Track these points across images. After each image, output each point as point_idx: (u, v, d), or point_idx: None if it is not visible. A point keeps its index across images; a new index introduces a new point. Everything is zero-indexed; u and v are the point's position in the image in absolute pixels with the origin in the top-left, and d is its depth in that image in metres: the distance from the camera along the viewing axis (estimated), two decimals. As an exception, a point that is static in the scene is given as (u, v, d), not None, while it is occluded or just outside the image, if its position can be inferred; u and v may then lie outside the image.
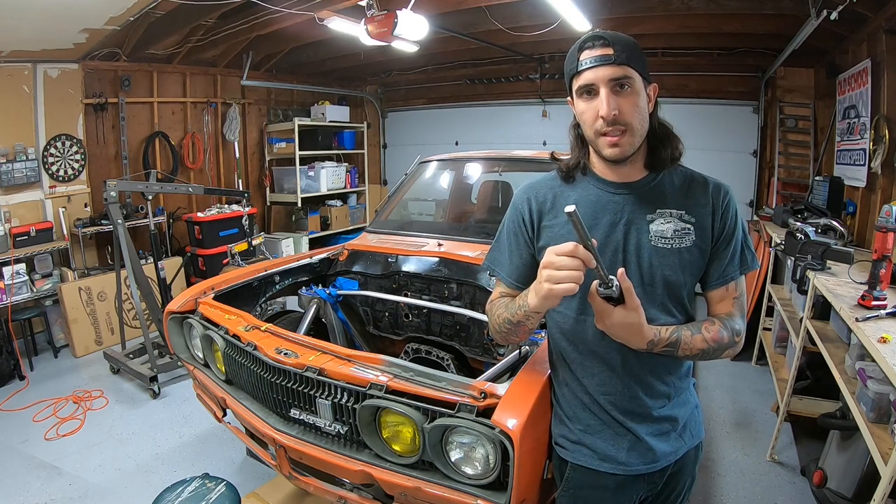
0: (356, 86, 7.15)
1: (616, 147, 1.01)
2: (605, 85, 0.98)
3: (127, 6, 3.30)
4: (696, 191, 1.08)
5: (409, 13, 3.04)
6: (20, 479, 2.51)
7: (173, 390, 3.39)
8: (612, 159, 1.04)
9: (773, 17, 3.60)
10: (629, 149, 1.02)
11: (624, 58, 0.98)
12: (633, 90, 0.99)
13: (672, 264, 1.05)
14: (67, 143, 4.28)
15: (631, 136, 1.01)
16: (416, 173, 3.20)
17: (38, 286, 3.91)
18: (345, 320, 2.59)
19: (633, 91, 0.99)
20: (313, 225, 6.13)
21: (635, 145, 1.03)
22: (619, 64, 0.97)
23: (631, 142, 1.01)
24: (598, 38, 0.99)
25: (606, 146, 1.02)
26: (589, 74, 0.99)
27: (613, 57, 0.97)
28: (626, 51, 0.98)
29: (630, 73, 0.99)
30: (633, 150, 1.03)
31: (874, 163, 3.01)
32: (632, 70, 0.99)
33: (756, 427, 2.98)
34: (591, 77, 0.99)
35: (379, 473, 1.42)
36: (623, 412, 1.10)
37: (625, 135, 1.00)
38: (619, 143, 1.01)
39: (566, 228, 1.10)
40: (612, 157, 1.03)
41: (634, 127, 1.00)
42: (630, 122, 1.00)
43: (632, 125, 1.00)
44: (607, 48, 0.98)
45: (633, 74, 0.99)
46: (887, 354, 1.45)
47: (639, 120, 1.01)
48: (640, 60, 1.01)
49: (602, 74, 0.98)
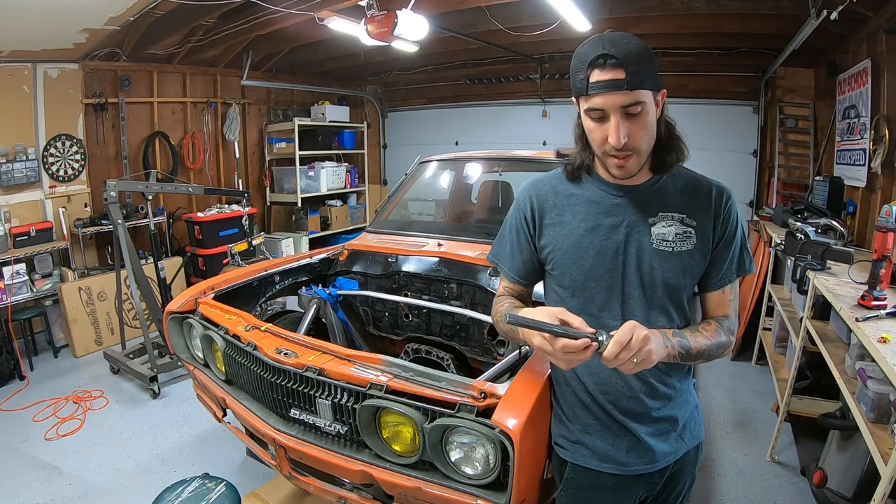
0: (356, 86, 7.15)
1: (623, 169, 1.02)
2: (615, 113, 0.95)
3: (127, 6, 3.30)
4: (698, 194, 1.08)
5: (409, 13, 3.04)
6: (20, 479, 2.51)
7: (173, 390, 3.40)
8: (619, 177, 1.06)
9: (773, 17, 3.60)
10: (635, 168, 1.03)
11: (637, 81, 0.93)
12: (643, 112, 0.96)
13: (673, 267, 1.06)
14: (67, 143, 4.28)
15: (638, 157, 1.01)
16: (416, 173, 3.20)
17: (38, 286, 3.91)
18: (345, 320, 2.59)
19: (643, 113, 0.96)
20: (313, 225, 6.13)
21: (641, 164, 1.04)
22: (630, 90, 0.93)
23: (637, 162, 1.02)
24: (610, 56, 0.92)
25: (614, 167, 1.03)
26: (598, 101, 0.95)
27: (626, 82, 0.92)
28: (638, 70, 0.93)
29: (641, 96, 0.94)
30: (640, 167, 1.04)
31: (874, 163, 3.01)
32: (643, 92, 0.95)
33: (756, 427, 2.98)
34: (601, 103, 0.95)
35: (379, 473, 1.42)
36: (623, 412, 1.10)
37: (632, 157, 1.00)
38: (626, 165, 1.01)
39: (568, 228, 1.11)
40: (619, 176, 1.05)
41: (642, 149, 1.00)
42: (638, 146, 0.99)
43: (639, 148, 1.00)
44: (618, 70, 0.92)
45: (644, 97, 0.95)
46: (887, 354, 1.45)
47: (647, 141, 1.00)
48: (651, 74, 0.96)
49: (613, 102, 0.94)
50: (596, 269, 1.08)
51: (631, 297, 1.07)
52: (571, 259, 1.09)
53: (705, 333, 1.06)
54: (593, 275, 1.08)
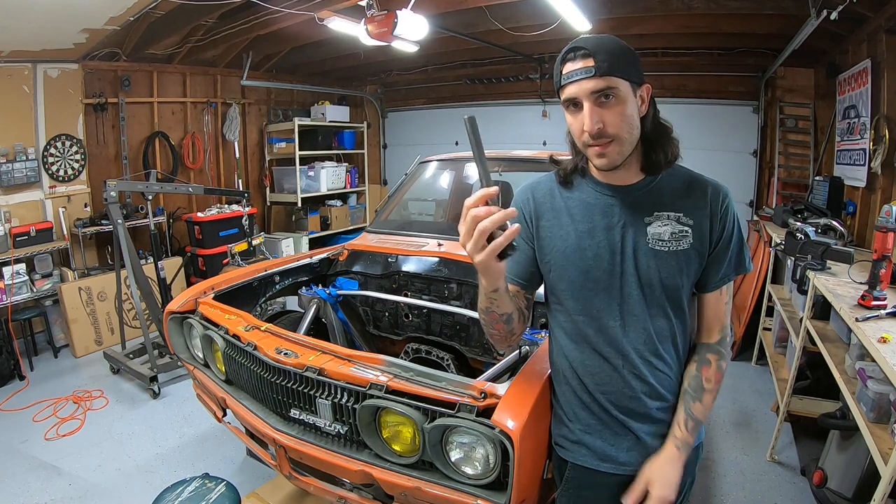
0: (356, 86, 7.15)
1: (603, 157, 1.01)
2: (587, 98, 0.97)
3: (127, 6, 3.30)
4: (694, 193, 1.08)
5: (409, 13, 3.04)
6: (20, 479, 2.51)
7: (173, 390, 3.40)
8: (602, 168, 1.05)
9: (773, 17, 3.60)
10: (617, 157, 1.02)
11: (605, 68, 0.95)
12: (618, 99, 0.98)
13: (669, 267, 1.05)
14: (67, 143, 4.28)
15: (618, 145, 1.00)
16: (416, 173, 3.20)
17: (38, 286, 3.91)
18: (345, 320, 2.59)
19: (618, 101, 0.98)
20: (313, 225, 6.13)
21: (624, 154, 1.02)
22: (600, 75, 0.95)
23: (619, 150, 1.01)
24: (579, 48, 0.97)
25: (595, 157, 1.03)
26: (571, 88, 0.98)
27: (595, 69, 0.95)
28: (609, 59, 0.96)
29: (613, 82, 0.96)
30: (623, 158, 1.03)
31: (874, 163, 3.01)
32: (616, 79, 0.96)
33: (756, 427, 2.98)
34: (574, 91, 0.98)
35: (379, 473, 1.42)
36: (623, 412, 1.10)
37: (611, 145, 1.00)
38: (605, 153, 1.01)
39: (566, 230, 1.11)
40: (600, 166, 1.04)
41: (621, 137, 1.00)
42: (616, 133, 0.99)
43: (618, 135, 0.99)
44: (588, 59, 0.96)
45: (616, 84, 0.97)
46: (887, 354, 1.45)
47: (626, 129, 1.00)
48: (626, 65, 0.98)
49: (584, 88, 0.97)
50: (594, 271, 1.07)
51: (630, 298, 1.07)
52: (570, 261, 1.09)
53: (708, 386, 1.11)
54: (592, 276, 1.08)
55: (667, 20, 4.05)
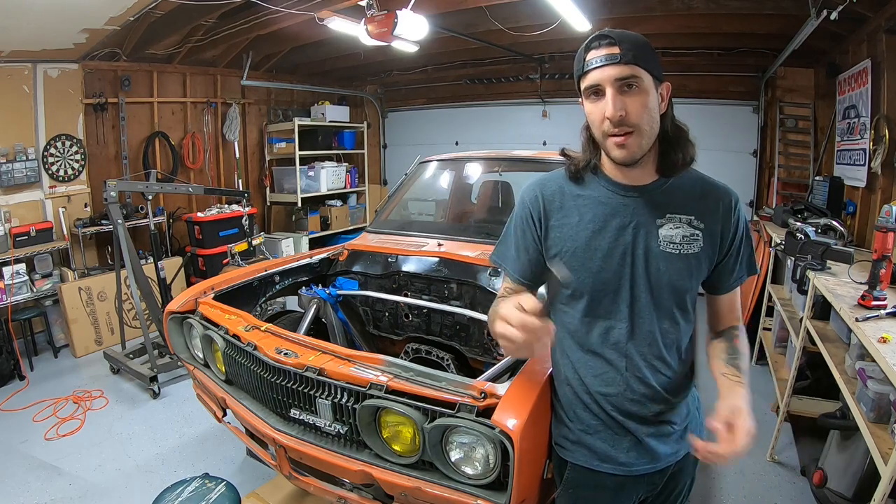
0: (356, 86, 7.15)
1: (623, 148, 0.99)
2: (610, 85, 0.96)
3: (127, 6, 3.30)
4: (707, 197, 1.08)
5: (409, 13, 3.04)
6: (20, 479, 2.51)
7: (173, 390, 3.39)
8: (621, 162, 1.02)
9: (773, 17, 3.60)
10: (637, 150, 0.99)
11: (631, 56, 0.95)
12: (640, 89, 0.97)
13: (679, 269, 1.05)
14: (67, 143, 4.28)
15: (639, 137, 0.98)
16: (416, 173, 3.20)
17: (38, 286, 3.91)
18: (345, 320, 2.59)
19: (640, 90, 0.97)
20: (313, 225, 6.13)
21: (644, 147, 1.00)
22: (625, 63, 0.95)
23: (639, 143, 0.99)
24: (605, 37, 0.97)
25: (614, 147, 1.00)
26: (595, 74, 0.97)
27: (619, 56, 0.95)
28: (634, 49, 0.96)
29: (637, 72, 0.96)
30: (642, 152, 1.01)
31: (874, 163, 3.01)
32: (639, 69, 0.96)
33: (756, 427, 2.97)
34: (597, 77, 0.97)
35: (379, 473, 1.42)
36: (624, 413, 1.10)
37: (632, 136, 0.98)
38: (626, 143, 0.98)
39: (575, 230, 1.09)
40: (619, 159, 1.01)
41: (642, 128, 0.98)
42: (637, 123, 0.97)
43: (639, 126, 0.97)
44: (613, 47, 0.96)
45: (640, 73, 0.96)
46: (887, 354, 1.45)
47: (647, 121, 0.98)
48: (649, 59, 0.98)
49: (608, 74, 0.96)
50: (604, 272, 1.05)
51: (639, 300, 1.06)
52: (579, 262, 1.07)
53: (744, 350, 1.13)
54: (601, 277, 1.06)
55: (667, 20, 4.05)
